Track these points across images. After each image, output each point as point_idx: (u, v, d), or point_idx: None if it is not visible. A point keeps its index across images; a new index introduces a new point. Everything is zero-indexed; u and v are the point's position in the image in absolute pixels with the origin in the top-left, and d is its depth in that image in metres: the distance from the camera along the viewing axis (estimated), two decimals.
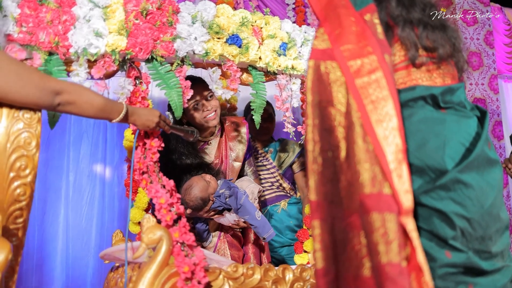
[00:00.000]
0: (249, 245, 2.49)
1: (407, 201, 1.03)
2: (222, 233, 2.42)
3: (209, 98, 2.32)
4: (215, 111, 2.32)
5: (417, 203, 1.11)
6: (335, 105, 1.13)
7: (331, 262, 1.13)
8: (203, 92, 2.30)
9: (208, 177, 2.28)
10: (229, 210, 2.30)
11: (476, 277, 1.12)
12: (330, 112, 1.14)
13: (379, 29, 1.15)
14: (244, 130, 2.53)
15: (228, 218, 2.32)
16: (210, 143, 2.46)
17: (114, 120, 1.62)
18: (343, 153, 1.11)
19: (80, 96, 1.50)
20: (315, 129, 1.16)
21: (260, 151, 3.07)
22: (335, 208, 1.13)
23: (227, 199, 2.26)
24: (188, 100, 2.17)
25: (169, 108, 2.05)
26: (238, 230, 2.44)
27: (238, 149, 2.50)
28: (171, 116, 2.18)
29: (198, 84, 2.27)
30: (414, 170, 1.13)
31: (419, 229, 1.12)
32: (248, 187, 2.40)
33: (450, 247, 1.10)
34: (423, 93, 1.19)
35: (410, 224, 1.03)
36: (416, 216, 1.11)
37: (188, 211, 2.22)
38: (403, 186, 1.03)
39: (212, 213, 2.29)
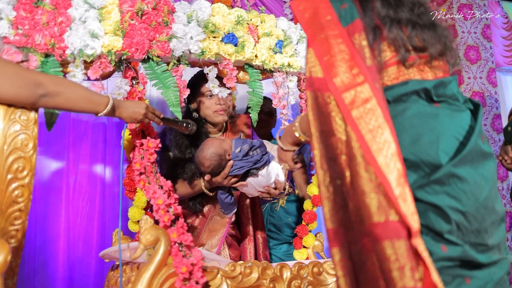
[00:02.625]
0: (246, 241, 2.49)
1: (415, 223, 1.04)
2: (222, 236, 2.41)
3: (227, 94, 2.29)
4: (225, 110, 2.31)
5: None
6: (336, 134, 1.15)
7: (354, 287, 1.14)
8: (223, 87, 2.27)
9: (221, 137, 2.22)
10: (251, 170, 2.11)
11: (473, 270, 1.12)
12: (332, 141, 1.16)
13: (368, 53, 1.16)
14: (247, 127, 2.53)
15: (254, 185, 2.15)
16: None
17: (101, 113, 1.58)
18: (348, 180, 1.13)
19: (65, 87, 1.47)
20: (323, 159, 1.18)
21: None
22: (349, 233, 1.14)
23: (248, 152, 2.08)
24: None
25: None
26: (270, 199, 2.30)
27: None
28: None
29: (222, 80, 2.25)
30: (408, 165, 1.13)
31: None
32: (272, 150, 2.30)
33: (446, 241, 1.10)
34: (416, 87, 1.19)
35: (421, 245, 1.04)
36: None
37: (207, 177, 2.09)
38: (409, 209, 1.04)
39: (233, 179, 2.14)
